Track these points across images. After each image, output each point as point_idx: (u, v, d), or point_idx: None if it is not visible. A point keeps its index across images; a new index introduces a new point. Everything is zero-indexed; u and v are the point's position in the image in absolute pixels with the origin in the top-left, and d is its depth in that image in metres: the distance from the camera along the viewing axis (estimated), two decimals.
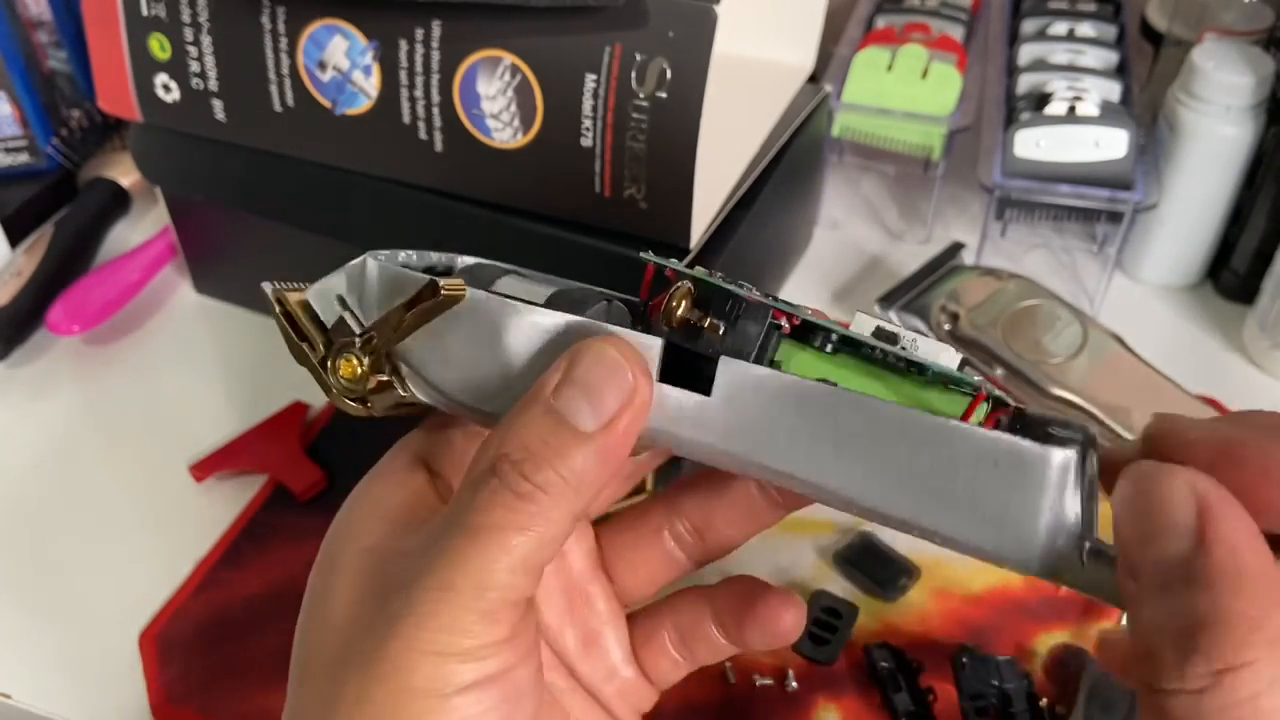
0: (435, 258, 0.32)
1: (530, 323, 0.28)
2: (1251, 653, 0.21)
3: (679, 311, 0.28)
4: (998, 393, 0.27)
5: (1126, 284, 0.67)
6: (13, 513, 0.54)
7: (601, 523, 0.36)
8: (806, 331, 0.28)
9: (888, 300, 0.61)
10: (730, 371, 0.27)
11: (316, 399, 0.59)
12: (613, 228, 0.50)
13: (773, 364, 0.28)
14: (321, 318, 0.30)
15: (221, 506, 0.54)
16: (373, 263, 0.29)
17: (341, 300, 0.30)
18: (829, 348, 0.28)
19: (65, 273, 0.65)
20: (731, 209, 0.53)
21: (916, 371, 0.28)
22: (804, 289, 0.67)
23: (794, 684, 0.46)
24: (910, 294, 0.61)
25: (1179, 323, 0.65)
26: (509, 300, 0.28)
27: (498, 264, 0.32)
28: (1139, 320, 0.64)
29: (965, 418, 0.26)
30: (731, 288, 0.28)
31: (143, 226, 0.72)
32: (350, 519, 0.30)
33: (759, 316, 0.27)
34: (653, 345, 0.27)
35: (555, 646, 0.34)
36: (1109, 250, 0.63)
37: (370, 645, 0.26)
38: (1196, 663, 0.21)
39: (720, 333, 0.27)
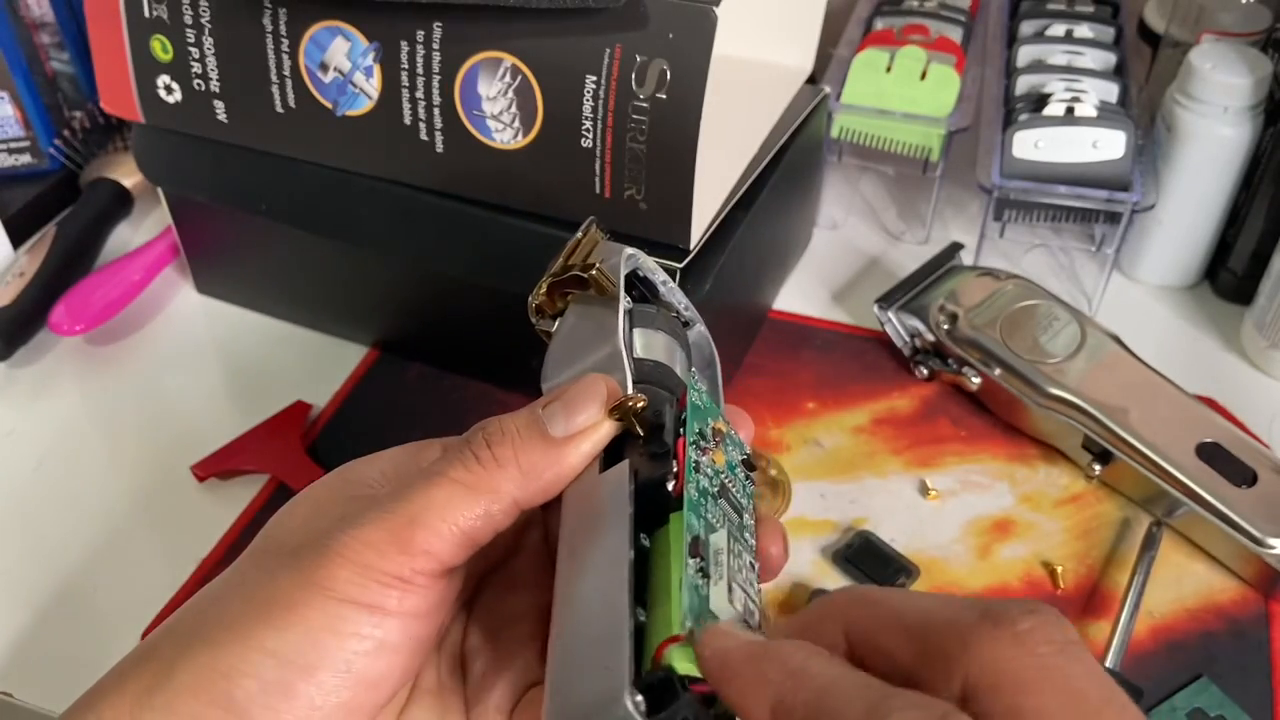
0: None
1: (607, 353, 0.32)
2: None
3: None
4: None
5: (1124, 284, 0.67)
6: (15, 512, 0.55)
7: None
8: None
9: (886, 300, 0.62)
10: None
11: (318, 399, 0.59)
12: (613, 228, 0.50)
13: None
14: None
15: (223, 506, 0.54)
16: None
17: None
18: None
19: (67, 273, 0.65)
20: (731, 209, 0.53)
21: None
22: (803, 289, 0.67)
23: None
24: (909, 294, 0.62)
25: (1177, 323, 0.65)
26: (616, 328, 0.32)
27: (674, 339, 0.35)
28: (1137, 320, 0.64)
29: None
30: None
31: (145, 227, 0.72)
32: (353, 463, 0.32)
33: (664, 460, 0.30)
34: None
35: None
36: (1107, 251, 0.63)
37: (314, 545, 0.28)
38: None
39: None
